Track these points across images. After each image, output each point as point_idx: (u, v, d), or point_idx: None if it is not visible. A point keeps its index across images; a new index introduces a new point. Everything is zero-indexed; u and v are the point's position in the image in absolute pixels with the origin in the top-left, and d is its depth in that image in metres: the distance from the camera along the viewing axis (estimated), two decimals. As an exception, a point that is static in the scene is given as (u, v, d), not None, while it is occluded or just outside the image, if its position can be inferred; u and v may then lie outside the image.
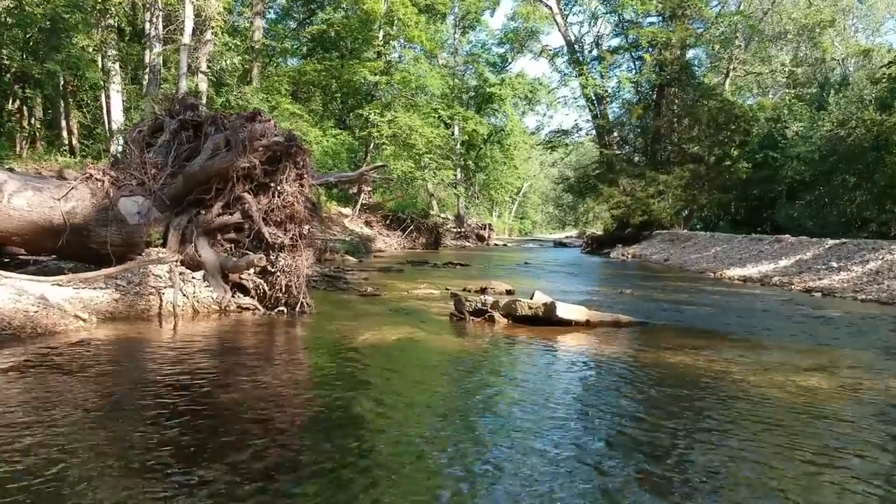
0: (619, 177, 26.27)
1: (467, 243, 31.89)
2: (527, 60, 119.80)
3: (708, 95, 26.42)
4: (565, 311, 5.99)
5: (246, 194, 6.79)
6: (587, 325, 6.07)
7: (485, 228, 36.14)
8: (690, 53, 29.85)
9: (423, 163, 28.41)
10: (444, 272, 13.87)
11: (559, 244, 38.02)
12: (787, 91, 31.92)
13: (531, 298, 8.16)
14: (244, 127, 6.71)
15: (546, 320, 6.03)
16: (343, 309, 7.36)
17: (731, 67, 32.61)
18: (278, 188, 6.75)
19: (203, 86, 20.70)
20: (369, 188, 29.15)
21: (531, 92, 44.26)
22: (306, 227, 6.78)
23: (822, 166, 24.61)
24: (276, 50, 28.07)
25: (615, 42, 29.84)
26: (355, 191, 28.01)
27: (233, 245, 6.98)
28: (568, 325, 5.99)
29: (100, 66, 19.03)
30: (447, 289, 9.47)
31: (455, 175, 33.67)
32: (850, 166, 23.48)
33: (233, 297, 6.71)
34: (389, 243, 25.36)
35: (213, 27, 20.34)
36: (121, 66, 19.75)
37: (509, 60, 44.38)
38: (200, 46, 20.79)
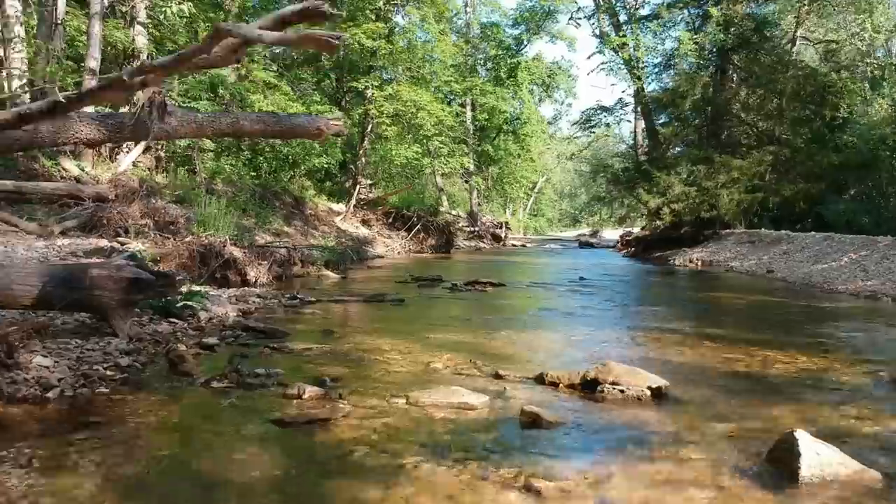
0: (679, 162, 20.85)
1: (482, 244, 27.12)
2: (543, 44, 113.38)
3: (788, 62, 21.00)
4: None
5: None
6: None
7: (501, 227, 31.31)
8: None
9: (432, 148, 23.25)
10: (471, 301, 8.63)
11: (585, 244, 32.50)
12: (870, 62, 26.41)
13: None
14: None
15: None
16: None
17: (798, 35, 27.24)
18: None
19: (141, 40, 15.62)
20: (370, 182, 24.18)
21: (549, 76, 39.77)
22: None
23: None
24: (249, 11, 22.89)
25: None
26: (350, 184, 23.09)
27: None
28: None
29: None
30: (499, 375, 4.21)
31: (470, 164, 28.36)
32: None
33: None
34: (392, 246, 20.39)
35: (153, -39, 15.21)
36: (25, 9, 14.59)
37: (525, 42, 39.46)
38: (139, -11, 15.65)
